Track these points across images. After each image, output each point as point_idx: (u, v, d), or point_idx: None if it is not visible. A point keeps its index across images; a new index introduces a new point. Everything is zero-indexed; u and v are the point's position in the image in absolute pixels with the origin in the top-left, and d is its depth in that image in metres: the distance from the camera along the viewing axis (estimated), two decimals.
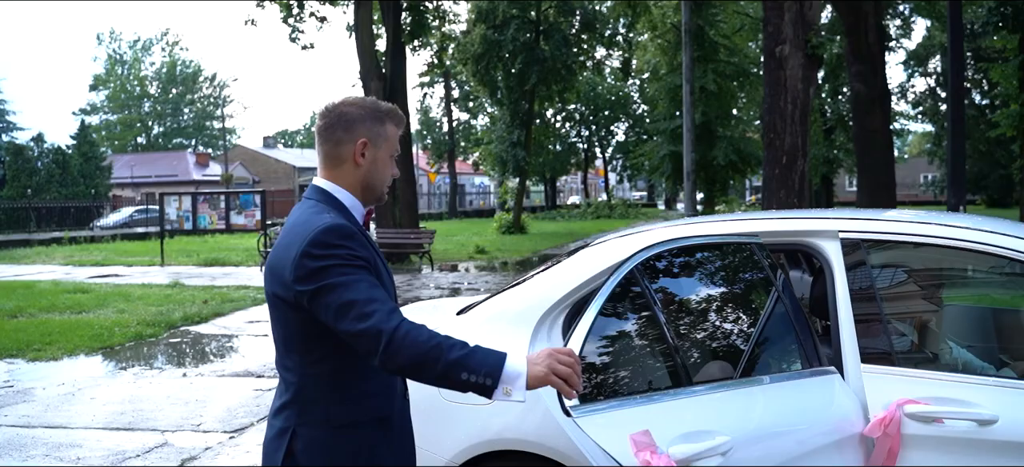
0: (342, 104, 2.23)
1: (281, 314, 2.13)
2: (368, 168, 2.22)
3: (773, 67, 14.53)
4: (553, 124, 48.83)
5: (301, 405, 2.11)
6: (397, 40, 21.20)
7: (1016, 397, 2.73)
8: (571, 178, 77.15)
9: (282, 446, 2.11)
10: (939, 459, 2.68)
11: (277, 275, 2.11)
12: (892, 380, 2.83)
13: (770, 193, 14.72)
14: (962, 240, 3.00)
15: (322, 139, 2.23)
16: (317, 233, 2.03)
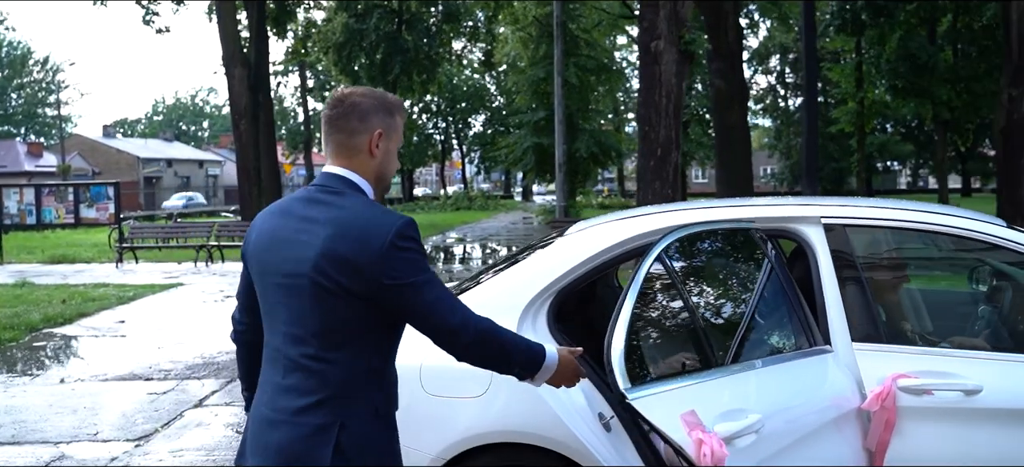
0: (353, 94, 2.24)
1: (331, 305, 2.08)
2: (382, 159, 2.24)
3: (648, 62, 14.97)
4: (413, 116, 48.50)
5: (346, 399, 2.08)
6: (261, 26, 20.44)
7: (997, 368, 2.93)
8: (426, 170, 76.91)
9: (328, 442, 2.06)
10: (931, 428, 2.85)
11: (337, 263, 2.06)
12: (881, 356, 2.98)
13: (645, 185, 15.19)
14: (932, 223, 3.22)
15: (334, 128, 2.23)
16: (404, 227, 2.08)
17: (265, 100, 20.97)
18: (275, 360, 2.19)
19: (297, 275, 2.12)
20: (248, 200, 19.84)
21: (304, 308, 2.11)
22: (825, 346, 2.97)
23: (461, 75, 53.37)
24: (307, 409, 2.09)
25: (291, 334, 2.14)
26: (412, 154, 50.23)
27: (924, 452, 2.83)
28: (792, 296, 2.98)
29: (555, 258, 3.37)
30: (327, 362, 2.09)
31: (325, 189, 2.21)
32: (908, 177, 53.78)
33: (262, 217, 2.31)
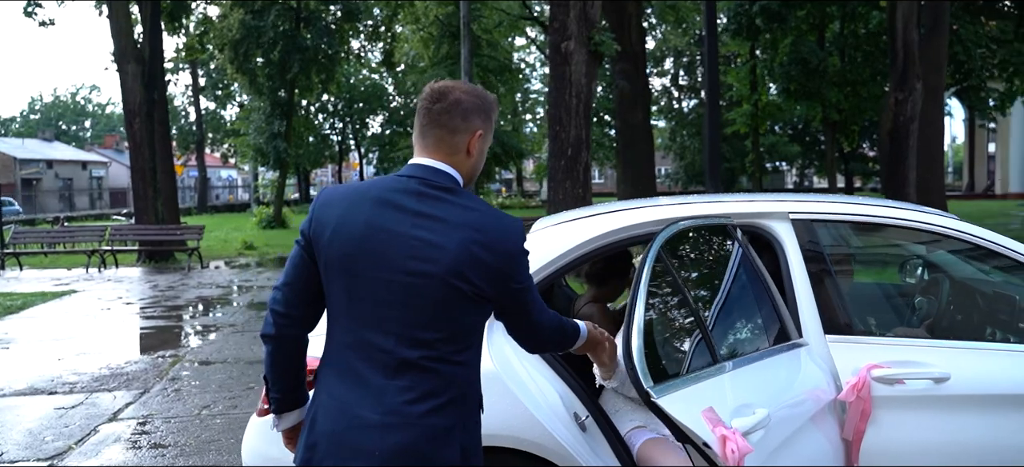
0: (456, 89, 2.17)
1: (464, 308, 2.04)
2: (476, 159, 2.20)
3: (558, 62, 15.06)
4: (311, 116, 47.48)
5: (466, 400, 2.09)
6: (155, 20, 19.57)
7: (963, 355, 3.03)
8: (322, 171, 75.43)
9: (453, 443, 2.04)
10: (903, 417, 2.92)
11: (476, 267, 2.02)
12: (850, 347, 3.04)
13: (556, 184, 15.27)
14: (895, 218, 3.32)
15: (436, 123, 2.14)
16: (524, 230, 2.13)
17: (160, 98, 20.09)
18: (372, 359, 2.03)
19: (427, 275, 2.00)
20: (144, 202, 18.96)
21: (432, 309, 2.02)
22: (800, 340, 3.00)
23: (359, 75, 52.58)
24: (435, 411, 2.01)
25: (411, 335, 2.02)
26: (309, 154, 49.14)
27: (897, 440, 2.90)
28: (771, 291, 3.00)
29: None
30: (455, 363, 2.05)
31: (434, 185, 2.09)
32: (795, 177, 56.06)
33: (339, 202, 2.10)
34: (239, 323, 10.78)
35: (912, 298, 4.30)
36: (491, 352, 3.14)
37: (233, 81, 36.71)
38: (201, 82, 47.84)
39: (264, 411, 3.35)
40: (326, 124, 55.24)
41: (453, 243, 2.00)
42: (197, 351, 9.03)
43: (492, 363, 3.12)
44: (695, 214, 3.24)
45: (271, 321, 2.15)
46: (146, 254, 19.10)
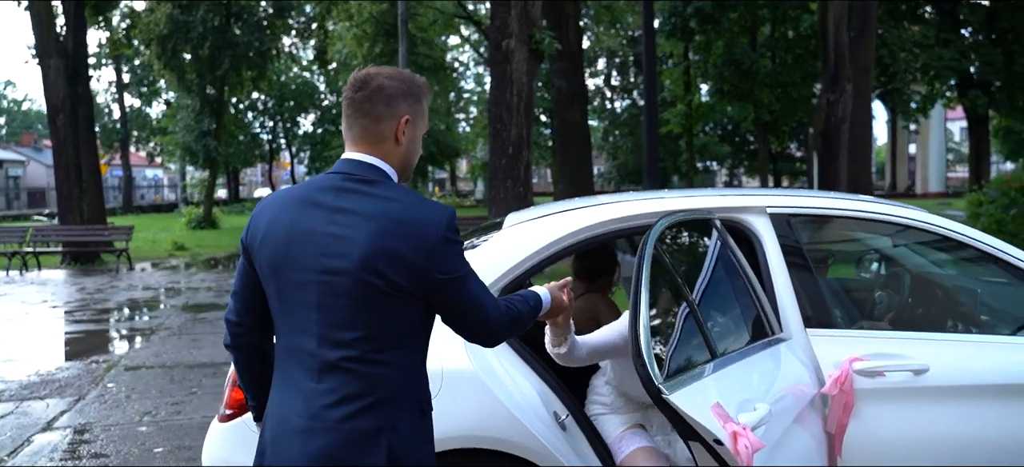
0: (378, 75, 2.10)
1: (382, 305, 1.96)
2: (408, 147, 2.11)
3: (499, 60, 15.00)
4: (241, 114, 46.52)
5: (396, 401, 1.99)
6: (79, 13, 18.85)
7: (940, 347, 3.07)
8: (251, 171, 73.94)
9: (380, 445, 1.95)
10: (883, 409, 2.93)
11: (391, 261, 1.93)
12: (831, 341, 3.04)
13: (498, 183, 15.21)
14: (868, 211, 3.35)
15: (359, 112, 2.08)
16: (452, 218, 2.01)
17: (84, 93, 19.34)
18: (301, 363, 2.01)
19: (339, 273, 1.95)
20: (69, 202, 18.23)
21: (349, 308, 1.96)
22: (781, 334, 2.99)
23: (289, 73, 51.67)
24: (356, 415, 1.95)
25: (330, 337, 1.97)
26: (240, 154, 48.07)
27: (879, 431, 2.91)
28: (754, 285, 2.98)
29: (499, 254, 3.23)
30: (376, 364, 1.97)
31: (355, 178, 2.04)
32: (725, 177, 57.13)
33: (271, 207, 2.10)
34: (175, 326, 10.43)
35: (871, 292, 4.36)
36: (468, 351, 3.06)
37: (160, 77, 35.60)
38: (125, 78, 46.34)
39: (226, 417, 3.23)
40: (256, 122, 54.16)
41: (364, 236, 1.95)
42: (133, 356, 8.69)
43: (470, 362, 3.04)
44: (673, 208, 3.21)
45: (227, 331, 2.20)
46: (71, 256, 18.38)
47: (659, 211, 3.09)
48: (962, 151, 54.04)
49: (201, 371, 7.79)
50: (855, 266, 4.91)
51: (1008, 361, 3.00)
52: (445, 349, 3.06)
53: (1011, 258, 3.14)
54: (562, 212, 3.33)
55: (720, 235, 2.98)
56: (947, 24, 25.50)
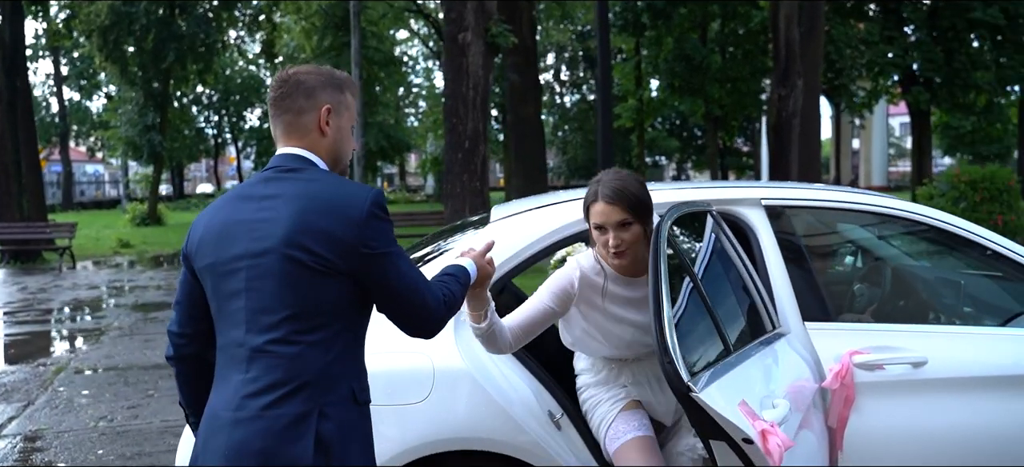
0: (298, 72, 2.15)
1: (307, 281, 1.94)
2: (334, 137, 2.13)
3: (455, 53, 14.86)
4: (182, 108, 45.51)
5: (325, 384, 1.94)
6: (16, 3, 18.18)
7: (939, 339, 3.05)
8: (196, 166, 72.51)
9: (307, 432, 1.89)
10: (883, 402, 2.90)
11: (313, 236, 1.93)
12: (829, 334, 3.00)
13: (453, 177, 15.07)
14: (863, 203, 3.32)
15: (281, 108, 2.12)
16: (378, 196, 2.00)
17: (23, 86, 18.68)
18: (233, 356, 1.99)
19: (264, 253, 1.96)
20: (7, 198, 17.57)
21: (274, 288, 1.95)
22: (781, 328, 2.94)
23: (235, 66, 50.73)
24: (280, 401, 1.90)
25: (256, 321, 1.96)
26: (185, 148, 47.02)
27: (879, 424, 2.88)
28: (754, 278, 2.93)
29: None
30: (302, 345, 1.93)
31: (283, 169, 2.08)
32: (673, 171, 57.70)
33: (209, 212, 2.13)
34: (126, 326, 10.09)
35: (850, 285, 4.35)
36: (460, 348, 2.96)
37: (101, 70, 34.58)
38: (64, 71, 44.97)
39: None
40: (201, 117, 53.09)
41: (287, 214, 1.96)
42: (83, 358, 8.36)
43: (462, 361, 2.94)
44: (667, 201, 3.14)
45: (169, 342, 2.18)
46: (10, 254, 17.73)
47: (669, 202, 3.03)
48: (902, 146, 55.43)
49: (156, 373, 7.53)
50: (831, 259, 4.92)
51: (1006, 353, 3.00)
52: (435, 348, 2.95)
53: (1005, 250, 3.13)
54: (555, 204, 3.25)
55: (719, 227, 2.92)
56: (891, 22, 26.02)
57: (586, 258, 2.84)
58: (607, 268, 2.79)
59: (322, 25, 31.81)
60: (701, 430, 2.11)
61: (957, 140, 38.33)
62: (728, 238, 2.91)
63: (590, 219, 2.74)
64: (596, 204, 2.70)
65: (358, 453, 2.00)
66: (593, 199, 2.71)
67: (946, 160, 43.95)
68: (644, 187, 2.75)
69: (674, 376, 2.00)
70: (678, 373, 2.00)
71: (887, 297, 4.08)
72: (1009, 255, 3.14)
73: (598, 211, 2.69)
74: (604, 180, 2.72)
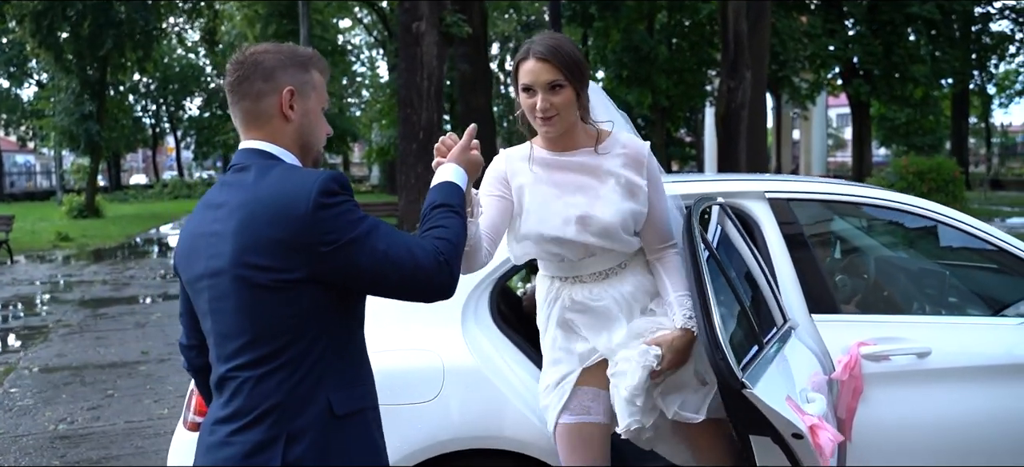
0: (255, 52, 1.94)
1: (263, 301, 1.78)
2: (300, 121, 1.93)
3: (409, 43, 14.71)
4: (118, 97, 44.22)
5: (291, 407, 1.79)
6: None
7: (941, 330, 3.10)
8: (132, 156, 70.60)
9: (272, 459, 1.78)
10: (889, 392, 2.93)
11: (259, 250, 1.77)
12: (835, 326, 3.03)
13: (407, 169, 14.93)
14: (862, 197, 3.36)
15: (238, 95, 1.92)
16: (325, 182, 1.77)
17: None
18: (213, 380, 1.92)
19: (219, 273, 1.82)
20: None
21: (232, 310, 1.82)
22: (790, 321, 2.95)
23: (173, 54, 49.48)
24: (244, 428, 1.80)
25: (221, 345, 1.86)
26: (123, 138, 45.70)
27: (885, 413, 2.91)
28: (764, 271, 2.93)
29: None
30: (264, 369, 1.80)
31: (237, 168, 1.91)
32: None
33: (188, 220, 2.01)
34: (75, 323, 9.75)
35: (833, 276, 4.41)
36: (469, 345, 2.91)
37: (33, 57, 33.36)
38: None
39: (194, 424, 3.01)
40: (137, 106, 51.67)
41: (233, 226, 1.81)
42: (33, 357, 8.05)
43: (471, 358, 2.89)
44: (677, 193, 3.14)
45: (182, 354, 2.14)
46: None
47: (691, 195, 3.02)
48: (840, 136, 56.77)
49: (114, 372, 7.29)
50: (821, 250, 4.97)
51: (1006, 342, 3.06)
52: (444, 346, 2.91)
53: (1006, 245, 3.19)
54: None
55: (731, 220, 2.91)
56: (833, 16, 26.58)
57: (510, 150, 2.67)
58: (534, 147, 2.58)
59: (267, 13, 31.20)
60: (741, 425, 2.10)
61: (892, 131, 39.29)
62: (739, 231, 2.90)
63: (519, 80, 2.46)
64: (526, 62, 2.43)
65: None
66: (523, 57, 2.45)
67: (882, 150, 45.15)
68: (578, 49, 2.52)
69: (728, 374, 1.98)
70: (733, 371, 1.97)
71: (872, 288, 4.15)
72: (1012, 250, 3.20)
73: (528, 70, 2.42)
74: (537, 39, 2.47)
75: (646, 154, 2.60)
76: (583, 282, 2.59)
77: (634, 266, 2.60)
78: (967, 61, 29.89)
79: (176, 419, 5.76)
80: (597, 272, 2.57)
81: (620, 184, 2.53)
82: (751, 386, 1.98)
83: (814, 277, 3.12)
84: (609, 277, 2.57)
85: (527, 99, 2.46)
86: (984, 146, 42.24)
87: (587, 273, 2.58)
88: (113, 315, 10.25)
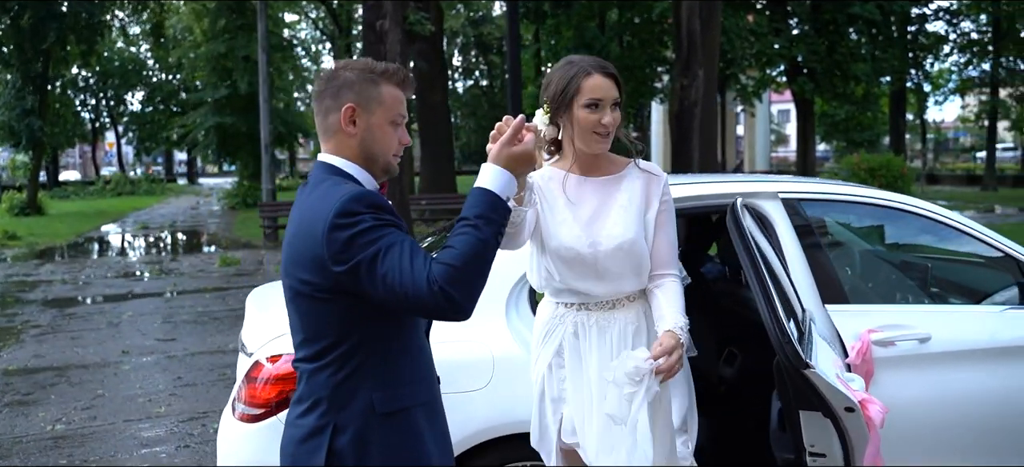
0: (337, 68, 2.09)
1: (307, 308, 2.01)
2: (362, 136, 2.06)
3: (373, 40, 14.75)
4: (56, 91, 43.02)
5: (338, 401, 2.01)
6: None
7: (940, 317, 3.41)
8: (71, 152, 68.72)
9: (321, 445, 2.00)
10: (894, 375, 3.22)
11: (300, 264, 1.98)
12: (845, 315, 3.30)
13: None
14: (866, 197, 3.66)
15: (315, 109, 2.11)
16: (343, 203, 1.88)
17: None
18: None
19: (284, 277, 2.08)
20: None
21: (292, 312, 2.08)
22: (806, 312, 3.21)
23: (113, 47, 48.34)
24: (303, 414, 2.04)
25: (292, 337, 2.13)
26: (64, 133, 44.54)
27: (891, 394, 3.17)
28: (785, 265, 3.18)
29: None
30: (315, 365, 2.02)
31: (313, 183, 2.06)
32: None
33: None
34: (45, 323, 9.64)
35: None
36: (515, 337, 3.11)
37: None
38: None
39: (250, 417, 3.14)
40: (76, 100, 50.36)
41: (287, 238, 2.05)
42: (10, 358, 7.96)
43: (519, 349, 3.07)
44: (693, 194, 3.38)
45: None
46: None
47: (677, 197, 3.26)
48: (782, 132, 58.16)
49: (99, 372, 7.29)
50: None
51: (996, 328, 3.37)
52: (494, 337, 3.10)
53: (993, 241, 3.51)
54: None
55: (753, 218, 3.15)
56: (778, 15, 27.29)
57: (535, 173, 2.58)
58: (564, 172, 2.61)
59: (215, 8, 30.76)
60: (794, 401, 2.33)
61: (833, 127, 40.48)
62: (763, 229, 3.15)
63: (581, 95, 2.47)
64: (592, 77, 2.47)
65: (378, 461, 2.02)
66: (586, 73, 2.47)
67: (823, 146, 46.44)
68: None
69: (794, 356, 2.21)
70: (798, 353, 2.21)
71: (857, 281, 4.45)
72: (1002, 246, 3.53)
73: (596, 85, 2.46)
74: (591, 59, 2.53)
75: (664, 181, 2.67)
76: (590, 310, 2.64)
77: (641, 300, 2.65)
78: (904, 60, 30.94)
79: (174, 417, 5.88)
80: (605, 301, 2.62)
81: (637, 208, 2.60)
82: (816, 367, 2.22)
83: (824, 270, 3.39)
84: (616, 307, 2.62)
85: (590, 115, 2.48)
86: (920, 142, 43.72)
87: (594, 302, 2.63)
88: (82, 315, 10.16)
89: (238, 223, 23.97)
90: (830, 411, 2.27)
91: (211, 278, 13.10)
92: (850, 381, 2.46)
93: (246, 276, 13.24)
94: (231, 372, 7.09)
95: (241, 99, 29.99)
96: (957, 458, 3.23)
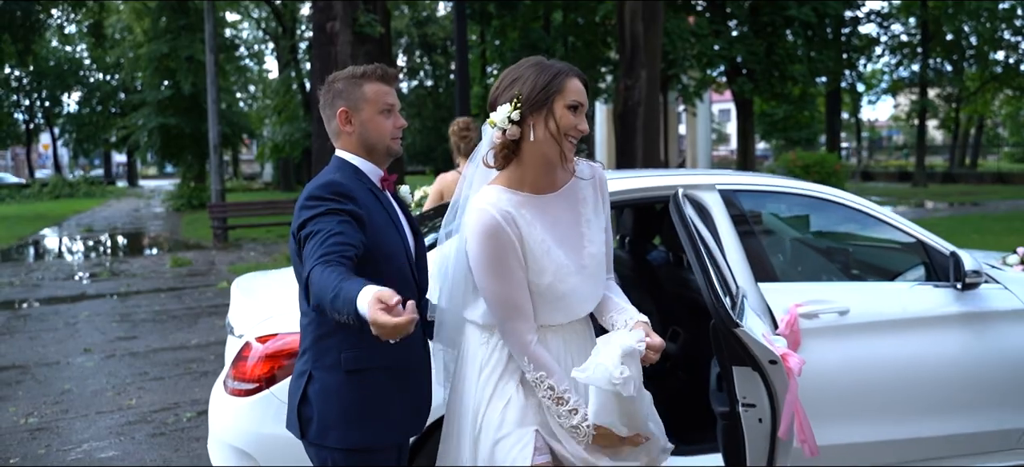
0: (329, 80, 2.53)
1: (297, 266, 2.37)
2: (359, 131, 2.47)
3: (323, 42, 14.95)
4: None
5: (317, 351, 2.39)
6: None
7: (858, 293, 3.85)
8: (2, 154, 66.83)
9: (299, 389, 2.42)
10: (818, 344, 3.64)
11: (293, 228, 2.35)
12: (775, 291, 3.72)
13: (322, 166, 15.08)
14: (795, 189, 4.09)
15: (324, 119, 2.54)
16: (315, 188, 2.29)
17: None
18: None
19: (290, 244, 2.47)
20: None
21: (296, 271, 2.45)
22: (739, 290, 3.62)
23: (47, 46, 47.25)
24: (299, 358, 2.47)
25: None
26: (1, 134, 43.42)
27: (815, 360, 3.59)
28: (721, 247, 3.59)
29: None
30: (307, 319, 2.44)
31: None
32: None
33: None
34: (2, 325, 9.67)
35: None
36: None
37: None
38: None
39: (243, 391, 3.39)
40: (7, 100, 49.08)
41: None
42: None
43: None
44: (639, 187, 3.79)
45: None
46: None
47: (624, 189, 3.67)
48: (722, 130, 59.50)
49: (64, 368, 7.43)
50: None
51: (906, 302, 3.84)
52: None
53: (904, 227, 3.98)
54: None
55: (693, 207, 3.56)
56: (718, 17, 28.10)
57: (485, 200, 2.33)
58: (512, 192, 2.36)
59: (157, 6, 30.43)
60: (727, 359, 2.74)
61: (772, 126, 41.70)
62: (702, 216, 3.56)
63: (565, 95, 2.30)
64: (573, 80, 2.33)
65: (335, 411, 2.34)
66: (566, 75, 2.32)
67: (762, 144, 47.72)
68: None
69: (727, 318, 2.61)
70: (729, 314, 2.61)
71: (788, 264, 4.91)
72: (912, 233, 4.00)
73: (578, 88, 2.32)
74: (564, 63, 2.38)
75: (605, 179, 2.54)
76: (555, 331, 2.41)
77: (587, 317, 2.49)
78: (839, 61, 32.09)
79: (145, 408, 6.10)
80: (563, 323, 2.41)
81: (595, 214, 2.46)
82: (743, 325, 2.62)
83: (756, 253, 3.81)
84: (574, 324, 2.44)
85: (571, 116, 2.32)
86: (854, 139, 45.20)
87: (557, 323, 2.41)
88: (37, 316, 10.19)
89: (185, 225, 23.84)
90: (757, 365, 2.67)
91: (165, 279, 13.16)
92: (774, 341, 2.87)
93: (199, 276, 13.34)
94: (197, 366, 7.31)
95: (184, 100, 29.78)
96: (872, 415, 3.68)
